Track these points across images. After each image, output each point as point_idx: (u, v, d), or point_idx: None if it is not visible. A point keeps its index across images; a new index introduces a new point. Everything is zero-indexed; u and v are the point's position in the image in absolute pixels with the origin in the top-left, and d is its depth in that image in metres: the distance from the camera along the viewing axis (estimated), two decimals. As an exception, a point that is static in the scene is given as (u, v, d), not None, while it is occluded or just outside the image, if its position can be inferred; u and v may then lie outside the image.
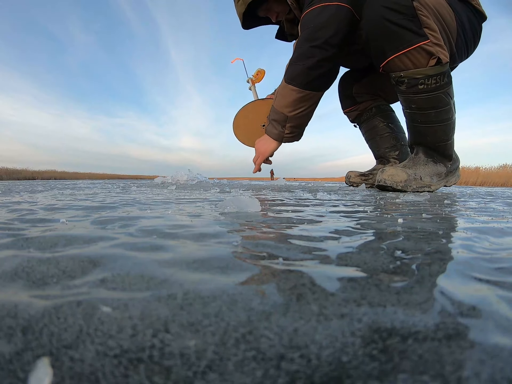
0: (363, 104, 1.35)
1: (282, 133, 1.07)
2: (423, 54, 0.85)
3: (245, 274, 0.15)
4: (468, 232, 0.27)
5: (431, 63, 0.86)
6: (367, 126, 1.37)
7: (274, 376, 0.08)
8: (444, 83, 0.88)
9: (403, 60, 0.88)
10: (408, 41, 0.85)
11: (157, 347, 0.09)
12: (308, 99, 1.00)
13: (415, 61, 0.87)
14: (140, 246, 0.21)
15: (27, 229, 0.27)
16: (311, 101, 1.02)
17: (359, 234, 0.26)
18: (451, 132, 0.96)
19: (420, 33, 0.85)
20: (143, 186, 1.44)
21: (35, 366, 0.08)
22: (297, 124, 1.06)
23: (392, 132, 1.32)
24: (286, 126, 1.05)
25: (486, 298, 0.13)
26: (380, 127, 1.33)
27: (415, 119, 0.97)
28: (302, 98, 1.00)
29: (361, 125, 1.40)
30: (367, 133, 1.38)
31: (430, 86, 0.88)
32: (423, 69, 0.87)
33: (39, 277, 0.15)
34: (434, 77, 0.87)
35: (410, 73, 0.89)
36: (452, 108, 0.93)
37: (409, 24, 0.84)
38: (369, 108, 1.34)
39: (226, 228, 0.28)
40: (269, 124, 1.10)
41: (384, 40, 0.88)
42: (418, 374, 0.08)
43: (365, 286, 0.14)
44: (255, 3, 1.13)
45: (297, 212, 0.41)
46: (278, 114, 1.04)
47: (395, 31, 0.85)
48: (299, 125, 1.07)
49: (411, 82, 0.90)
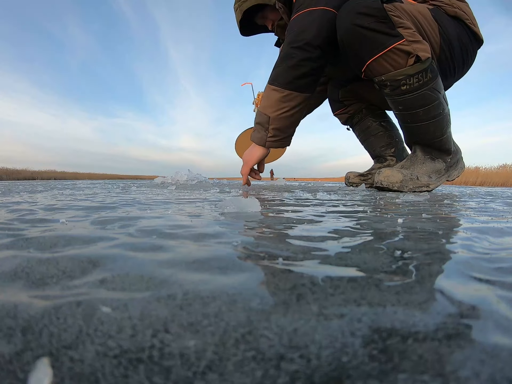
0: (352, 106, 1.35)
1: (265, 136, 1.03)
2: (400, 55, 0.84)
3: (245, 274, 0.15)
4: (468, 232, 0.27)
5: (410, 62, 0.84)
6: (360, 127, 1.37)
7: (274, 376, 0.08)
8: (428, 79, 0.86)
9: (381, 64, 0.87)
10: (382, 44, 0.84)
11: (157, 347, 0.09)
12: (290, 99, 0.98)
13: (393, 63, 0.86)
14: (139, 246, 0.21)
15: (27, 229, 0.27)
16: (293, 102, 0.98)
17: (359, 234, 0.26)
18: (444, 127, 0.94)
19: (393, 33, 0.83)
20: (143, 186, 1.44)
21: (35, 367, 0.08)
22: (280, 127, 1.01)
23: (386, 130, 1.32)
24: (269, 129, 1.01)
25: (486, 298, 0.13)
26: (373, 127, 1.33)
27: (405, 120, 0.96)
28: (284, 98, 0.97)
29: (354, 128, 1.40)
30: (361, 134, 1.38)
31: (413, 86, 0.87)
32: (402, 70, 0.86)
33: (39, 278, 0.15)
34: (416, 75, 0.86)
35: (391, 75, 0.87)
36: (441, 102, 0.91)
37: (381, 26, 0.83)
38: (359, 110, 1.34)
39: (226, 228, 0.28)
40: (253, 130, 1.06)
41: (359, 46, 0.87)
42: (418, 374, 0.08)
43: (365, 286, 0.14)
44: (251, 12, 1.13)
45: (297, 212, 0.41)
46: (261, 116, 1.02)
47: (367, 35, 0.84)
48: (282, 128, 1.02)
49: (393, 84, 0.89)
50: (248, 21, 1.18)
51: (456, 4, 0.97)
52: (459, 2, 0.99)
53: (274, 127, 1.01)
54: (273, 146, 1.06)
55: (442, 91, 0.91)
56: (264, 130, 1.02)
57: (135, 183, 2.15)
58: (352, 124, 1.40)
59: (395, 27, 0.84)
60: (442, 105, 0.91)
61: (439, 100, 0.90)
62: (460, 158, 1.07)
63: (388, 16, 0.83)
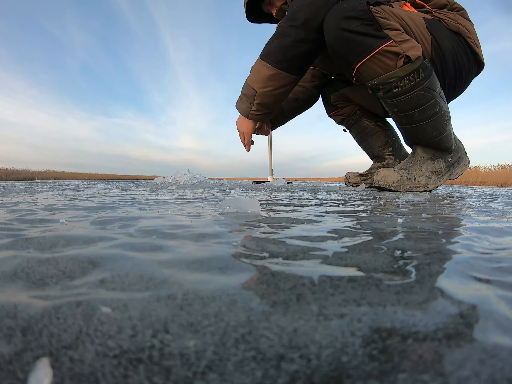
0: (345, 109, 1.35)
1: (249, 109, 1.05)
2: (390, 56, 0.82)
3: (245, 274, 0.15)
4: (467, 232, 0.27)
5: (400, 63, 0.82)
6: (356, 129, 1.37)
7: (274, 376, 0.08)
8: (421, 79, 0.84)
9: (371, 67, 0.85)
10: (370, 47, 0.82)
11: (157, 348, 0.09)
12: (278, 78, 0.97)
13: (383, 65, 0.83)
14: (139, 246, 0.21)
15: (27, 230, 0.27)
16: (281, 82, 0.98)
17: (359, 234, 0.26)
18: (443, 126, 0.92)
19: (380, 35, 0.81)
20: (143, 186, 1.44)
21: (35, 367, 0.08)
22: (264, 103, 1.03)
23: (382, 129, 1.31)
24: (254, 103, 1.03)
25: (486, 298, 0.13)
26: (370, 128, 1.33)
27: (401, 122, 0.95)
28: (273, 77, 0.97)
29: (350, 129, 1.40)
30: (357, 136, 1.38)
31: (405, 87, 0.85)
32: (393, 72, 0.83)
33: (39, 278, 0.15)
34: (407, 77, 0.84)
35: (382, 79, 0.86)
36: (437, 100, 0.88)
37: (367, 28, 0.82)
38: (354, 112, 1.34)
39: (226, 228, 0.28)
40: (239, 99, 1.09)
41: (347, 51, 0.86)
42: (418, 374, 0.08)
43: (365, 286, 0.14)
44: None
45: (297, 212, 0.41)
46: (249, 89, 1.03)
47: (355, 39, 0.83)
48: (266, 105, 1.04)
49: (385, 87, 0.87)
50: (255, 8, 1.17)
51: (460, 20, 0.95)
52: (465, 20, 0.97)
53: (258, 102, 1.03)
54: (255, 119, 1.09)
55: (437, 89, 0.89)
56: (250, 103, 1.04)
57: (135, 183, 2.15)
58: (348, 126, 1.40)
59: (382, 29, 0.82)
60: (438, 103, 0.89)
61: (434, 99, 0.88)
62: (462, 155, 1.05)
63: (375, 18, 0.82)
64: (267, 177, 2.81)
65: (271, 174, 2.78)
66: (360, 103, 1.29)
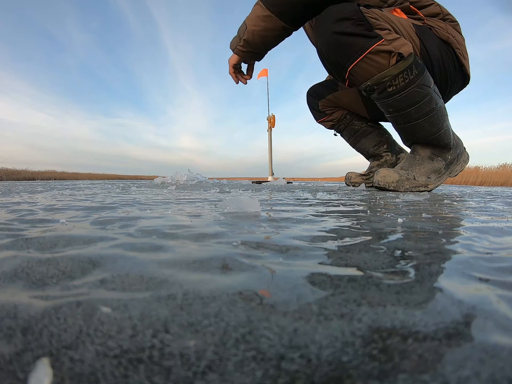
0: (334, 114, 1.35)
1: (236, 43, 1.06)
2: (382, 55, 0.81)
3: (245, 274, 0.15)
4: (468, 232, 0.27)
5: (392, 61, 0.82)
6: (348, 133, 1.37)
7: (274, 376, 0.08)
8: (414, 76, 0.84)
9: (364, 68, 0.84)
10: (362, 47, 0.81)
11: (157, 348, 0.09)
12: (268, 21, 0.97)
13: (376, 65, 0.83)
14: (139, 246, 0.21)
15: (27, 230, 0.27)
16: (270, 25, 0.97)
17: (359, 234, 0.26)
18: (440, 122, 0.91)
19: (372, 35, 0.81)
20: (143, 186, 1.44)
21: (35, 367, 0.08)
22: (250, 41, 1.04)
23: (374, 129, 1.32)
24: (242, 38, 1.04)
25: (486, 298, 0.13)
26: (362, 130, 1.33)
27: (398, 121, 0.95)
28: (264, 18, 0.97)
29: (341, 133, 1.40)
30: (350, 139, 1.38)
31: (400, 86, 0.85)
32: (386, 71, 0.83)
33: (39, 278, 0.15)
34: (400, 74, 0.83)
35: (376, 79, 0.85)
36: (433, 96, 0.87)
37: (358, 29, 0.81)
38: (344, 116, 1.34)
39: (226, 228, 0.28)
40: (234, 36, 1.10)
41: (338, 53, 0.85)
42: (418, 374, 0.08)
43: (365, 286, 0.14)
44: None
45: (297, 212, 0.41)
46: (243, 25, 1.04)
47: (346, 41, 0.82)
48: (251, 43, 1.04)
49: (380, 87, 0.86)
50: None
51: (451, 31, 0.95)
52: (455, 32, 0.97)
53: (245, 39, 1.04)
54: (240, 54, 1.09)
55: (432, 85, 0.88)
56: (239, 39, 1.06)
57: (135, 183, 2.15)
58: (339, 130, 1.40)
59: (373, 29, 0.81)
60: (434, 99, 0.88)
61: (430, 95, 0.87)
62: (461, 151, 1.05)
63: (365, 18, 0.81)
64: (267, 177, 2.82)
65: (271, 174, 2.79)
66: (348, 107, 1.29)
